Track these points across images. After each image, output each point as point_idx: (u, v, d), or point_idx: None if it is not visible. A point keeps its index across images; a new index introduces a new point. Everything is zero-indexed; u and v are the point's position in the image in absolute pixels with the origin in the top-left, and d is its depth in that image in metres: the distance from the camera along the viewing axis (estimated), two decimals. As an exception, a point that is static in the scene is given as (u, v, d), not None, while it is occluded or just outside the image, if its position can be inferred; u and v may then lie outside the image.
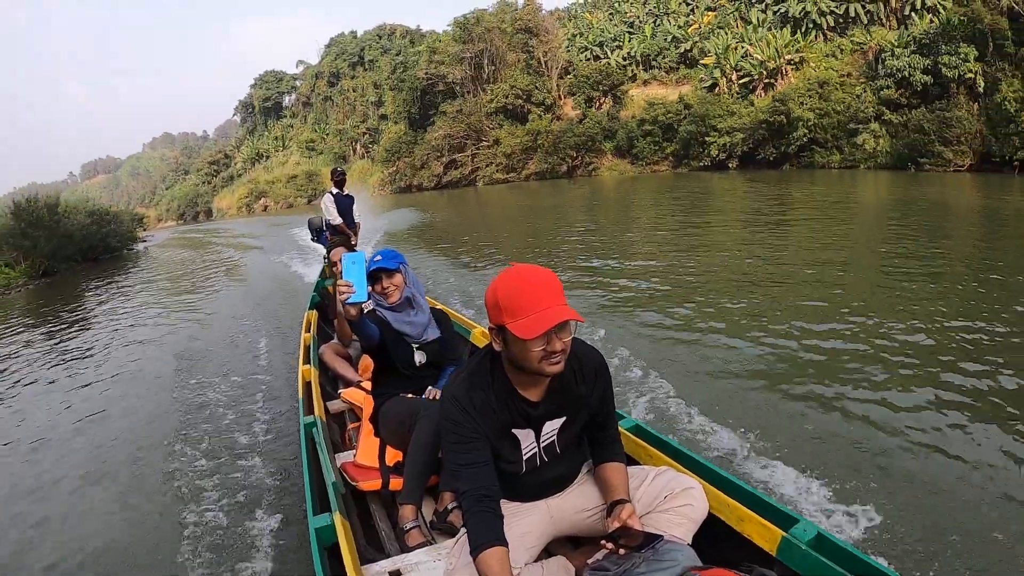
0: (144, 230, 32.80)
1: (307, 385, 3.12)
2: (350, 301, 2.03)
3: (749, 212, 13.90)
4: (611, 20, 46.49)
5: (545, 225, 15.18)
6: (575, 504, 1.69)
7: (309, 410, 2.83)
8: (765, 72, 31.71)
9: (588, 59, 43.14)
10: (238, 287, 10.97)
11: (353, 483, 2.34)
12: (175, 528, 2.97)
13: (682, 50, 39.80)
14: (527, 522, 1.64)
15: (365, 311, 2.27)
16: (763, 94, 31.32)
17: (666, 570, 1.37)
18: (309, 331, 4.06)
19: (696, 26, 40.00)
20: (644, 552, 1.39)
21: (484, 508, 1.44)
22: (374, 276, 2.46)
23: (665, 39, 40.93)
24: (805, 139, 26.58)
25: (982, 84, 21.34)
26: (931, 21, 26.26)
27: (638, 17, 44.78)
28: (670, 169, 33.05)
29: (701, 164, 30.74)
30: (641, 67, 41.42)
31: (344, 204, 6.67)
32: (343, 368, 3.65)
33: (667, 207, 16.68)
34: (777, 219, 12.10)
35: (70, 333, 8.94)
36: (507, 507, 1.59)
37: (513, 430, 1.55)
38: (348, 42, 71.95)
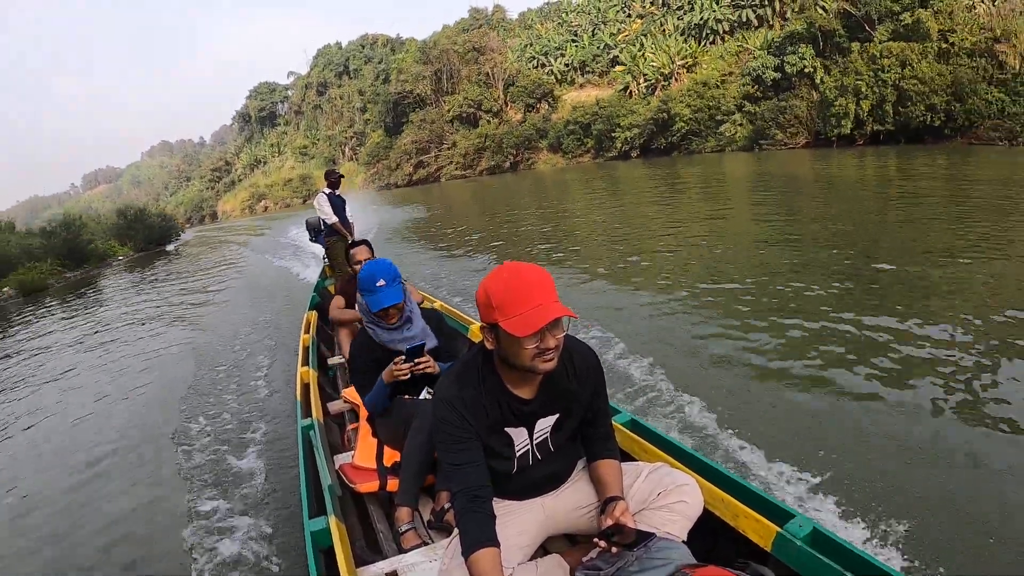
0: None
1: (305, 387, 3.13)
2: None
3: (648, 191, 17.66)
4: (558, 30, 52.95)
5: (498, 211, 18.34)
6: (570, 502, 1.66)
7: (307, 413, 2.82)
8: (662, 76, 38.71)
9: (536, 67, 50.03)
10: (241, 286, 11.72)
11: (351, 485, 2.34)
12: (170, 532, 2.98)
13: (611, 56, 46.24)
14: (522, 520, 1.63)
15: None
16: (661, 95, 37.69)
17: (659, 568, 1.36)
18: (308, 332, 4.05)
19: (626, 33, 46.12)
20: (637, 550, 1.38)
21: (476, 508, 1.43)
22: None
23: (598, 46, 47.50)
24: (684, 131, 33.23)
25: (820, 76, 25.69)
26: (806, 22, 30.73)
27: (580, 26, 51.17)
28: (591, 160, 40.39)
29: (611, 155, 38.03)
30: (579, 72, 48.23)
31: (337, 204, 6.60)
32: (350, 315, 3.60)
33: (589, 190, 20.96)
34: (668, 195, 15.59)
35: (149, 286, 15.37)
36: (502, 506, 1.59)
37: (505, 428, 1.53)
38: (334, 53, 77.10)
